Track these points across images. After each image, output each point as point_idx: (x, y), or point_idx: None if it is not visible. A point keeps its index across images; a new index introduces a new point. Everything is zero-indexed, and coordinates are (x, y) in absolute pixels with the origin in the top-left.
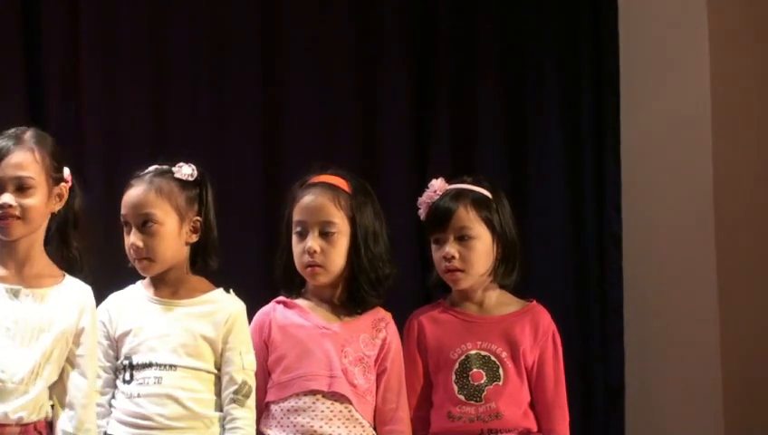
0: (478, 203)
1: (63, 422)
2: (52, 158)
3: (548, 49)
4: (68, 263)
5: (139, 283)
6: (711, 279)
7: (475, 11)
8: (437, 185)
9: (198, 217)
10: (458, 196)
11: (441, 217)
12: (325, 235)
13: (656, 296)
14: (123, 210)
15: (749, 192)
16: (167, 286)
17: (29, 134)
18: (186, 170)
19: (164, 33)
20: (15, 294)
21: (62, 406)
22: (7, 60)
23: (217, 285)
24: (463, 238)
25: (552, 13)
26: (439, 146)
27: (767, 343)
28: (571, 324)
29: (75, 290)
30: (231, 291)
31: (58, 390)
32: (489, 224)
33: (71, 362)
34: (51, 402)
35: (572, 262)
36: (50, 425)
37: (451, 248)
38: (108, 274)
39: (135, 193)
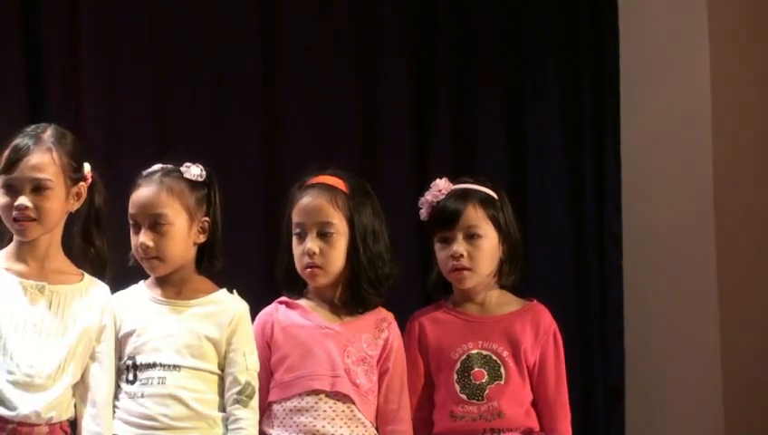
0: (485, 202)
1: (88, 422)
2: (70, 157)
3: (548, 49)
4: (91, 262)
5: (141, 282)
6: (711, 279)
7: (475, 11)
8: (442, 184)
9: (207, 218)
10: (466, 195)
11: (449, 217)
12: (323, 235)
13: (656, 296)
14: (132, 210)
15: (749, 192)
16: (171, 287)
17: (48, 133)
18: (194, 171)
19: (164, 32)
20: (41, 290)
21: (85, 403)
22: (7, 60)
23: (220, 286)
24: (471, 237)
25: (552, 13)
26: (439, 146)
27: (767, 343)
28: (571, 324)
29: (95, 288)
30: (234, 292)
31: (81, 388)
32: (496, 223)
33: (93, 359)
34: (74, 401)
35: (572, 262)
36: (72, 424)
37: (459, 247)
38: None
39: (145, 193)
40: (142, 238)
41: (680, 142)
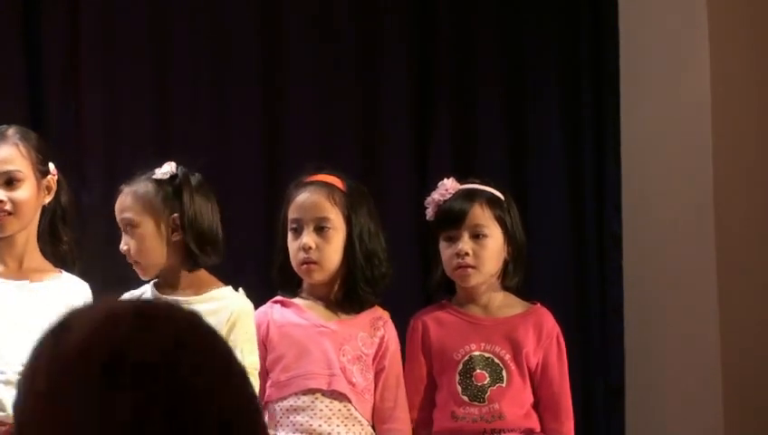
0: (492, 203)
1: None
2: (37, 151)
3: (548, 49)
4: (60, 258)
5: (150, 283)
6: (711, 279)
7: (475, 11)
8: (449, 184)
9: (176, 214)
10: (473, 194)
11: (456, 215)
12: (320, 230)
13: (656, 296)
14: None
15: (749, 192)
16: (170, 286)
17: (12, 131)
18: (163, 169)
19: (164, 32)
20: (23, 288)
21: None
22: (7, 60)
23: (224, 284)
24: (477, 236)
25: (552, 13)
26: (439, 146)
27: (767, 342)
28: (571, 325)
29: (75, 285)
30: (240, 289)
31: None
32: (502, 223)
33: None
34: None
35: (572, 262)
36: None
37: (465, 245)
38: (109, 274)
39: (119, 198)
40: (121, 243)
41: (680, 142)
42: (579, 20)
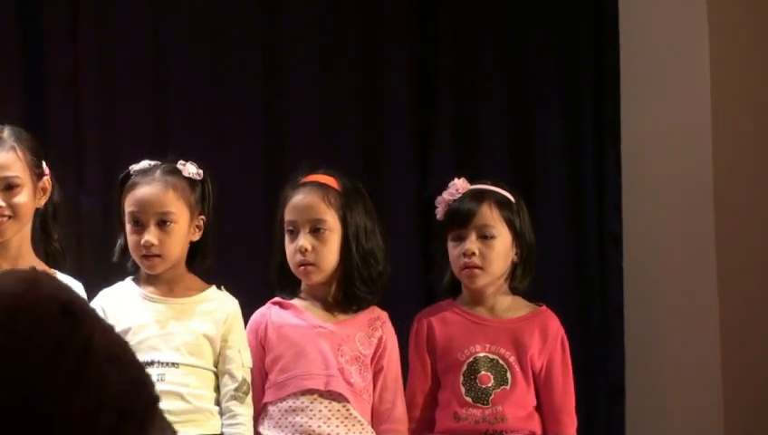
0: (501, 204)
1: None
2: (32, 153)
3: (549, 50)
4: (51, 256)
5: (128, 280)
6: (711, 279)
7: (476, 12)
8: (460, 184)
9: (203, 216)
10: (482, 195)
11: (465, 215)
12: (316, 232)
13: (656, 296)
14: (134, 207)
15: (749, 192)
16: (163, 284)
17: (7, 133)
18: (191, 169)
19: (164, 33)
20: None
21: None
22: (7, 60)
23: (209, 284)
24: (485, 237)
25: (553, 14)
26: (441, 146)
27: (767, 342)
28: (571, 324)
29: (70, 284)
30: (222, 287)
31: None
32: (511, 225)
33: None
34: None
35: (572, 262)
36: None
37: (472, 245)
38: (110, 273)
39: (150, 191)
40: (147, 236)
41: (680, 142)
42: (580, 21)
